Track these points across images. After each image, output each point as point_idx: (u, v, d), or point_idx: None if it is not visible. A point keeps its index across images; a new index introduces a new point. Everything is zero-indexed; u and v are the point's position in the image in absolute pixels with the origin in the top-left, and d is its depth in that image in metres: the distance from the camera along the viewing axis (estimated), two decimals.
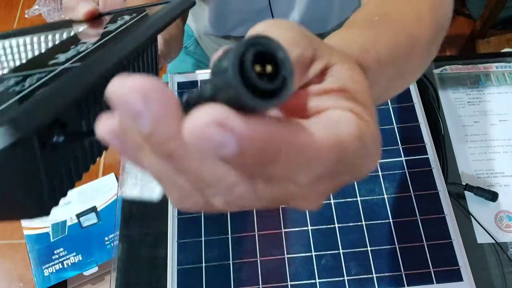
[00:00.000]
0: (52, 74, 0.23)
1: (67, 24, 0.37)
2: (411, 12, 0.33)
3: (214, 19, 0.72)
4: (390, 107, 0.59)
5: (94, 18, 0.36)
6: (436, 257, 0.50)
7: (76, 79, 0.22)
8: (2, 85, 0.23)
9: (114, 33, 0.30)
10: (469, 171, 0.57)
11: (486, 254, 0.52)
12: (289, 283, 0.50)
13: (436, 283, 0.49)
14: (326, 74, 0.20)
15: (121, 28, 0.31)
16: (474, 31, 1.35)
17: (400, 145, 0.56)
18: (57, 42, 0.32)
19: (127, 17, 0.34)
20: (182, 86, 0.62)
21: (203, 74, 0.63)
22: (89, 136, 0.22)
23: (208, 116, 0.14)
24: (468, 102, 0.62)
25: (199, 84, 0.63)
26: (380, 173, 0.55)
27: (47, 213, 0.19)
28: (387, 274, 0.50)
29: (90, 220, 1.08)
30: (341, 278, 0.50)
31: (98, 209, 1.10)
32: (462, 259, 0.49)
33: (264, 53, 0.14)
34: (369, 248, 0.51)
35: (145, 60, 0.34)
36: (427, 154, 0.56)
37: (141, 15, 0.34)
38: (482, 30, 1.32)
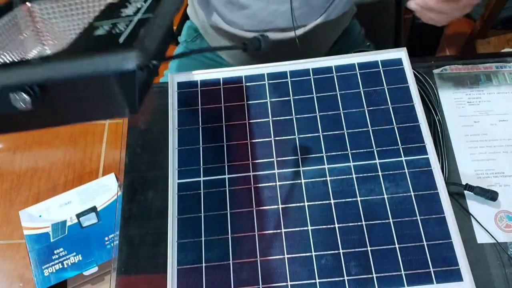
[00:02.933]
0: (134, 22, 0.34)
1: None
2: None
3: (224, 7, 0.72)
4: (390, 107, 0.59)
5: None
6: (436, 257, 0.50)
7: (158, 24, 0.34)
8: (101, 29, 0.34)
9: None
10: (469, 171, 0.57)
11: (486, 254, 0.52)
12: (289, 283, 0.50)
13: (436, 283, 0.49)
14: None
15: None
16: (474, 31, 1.35)
17: (400, 145, 0.56)
18: None
19: None
20: (181, 86, 0.62)
21: (202, 75, 0.63)
22: (163, 61, 0.39)
23: None
24: (468, 102, 0.62)
25: (198, 84, 0.62)
26: (380, 173, 0.55)
27: (136, 112, 0.31)
28: (387, 274, 0.50)
29: (90, 220, 1.08)
30: (341, 278, 0.50)
31: (98, 209, 1.09)
32: (462, 259, 0.49)
33: None
34: (369, 248, 0.51)
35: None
36: (427, 154, 0.56)
37: None
38: (482, 30, 1.32)
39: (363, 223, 0.52)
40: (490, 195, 0.54)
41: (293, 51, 0.73)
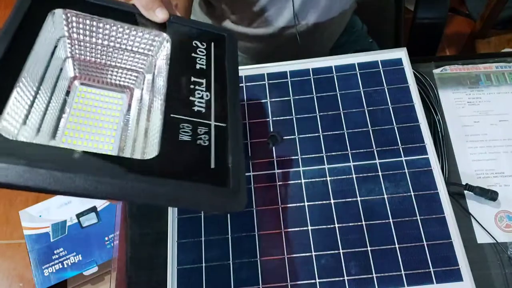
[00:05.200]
0: (213, 132, 0.37)
1: (134, 18, 0.44)
2: None
3: None
4: (390, 107, 0.59)
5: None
6: (436, 257, 0.50)
7: (236, 144, 0.37)
8: (184, 134, 0.36)
9: (214, 74, 0.42)
10: (469, 171, 0.57)
11: (486, 254, 0.52)
12: (289, 283, 0.50)
13: (436, 283, 0.49)
14: None
15: (213, 67, 0.43)
16: (474, 31, 1.35)
17: (400, 145, 0.56)
18: (164, 67, 0.43)
19: (201, 46, 0.44)
20: None
21: None
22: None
23: None
24: (468, 102, 0.62)
25: None
26: (380, 173, 0.55)
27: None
28: (387, 274, 0.50)
29: (90, 220, 1.08)
30: (341, 278, 0.50)
31: (98, 209, 1.09)
32: (462, 259, 0.49)
33: None
34: (369, 248, 0.51)
35: None
36: (427, 154, 0.56)
37: (214, 47, 0.45)
38: (482, 30, 1.32)
39: (363, 223, 0.52)
40: (490, 195, 0.54)
41: (297, 48, 0.73)
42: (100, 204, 1.11)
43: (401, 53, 0.62)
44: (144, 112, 0.45)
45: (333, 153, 0.57)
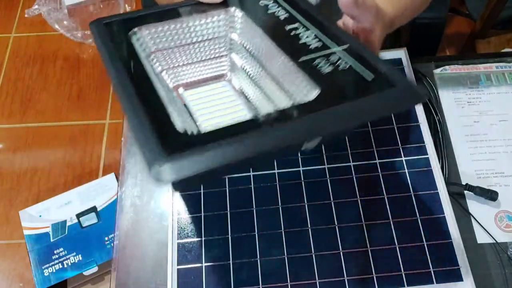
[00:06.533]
0: (344, 55, 0.38)
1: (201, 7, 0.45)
2: None
3: None
4: None
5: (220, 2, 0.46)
6: (436, 257, 0.50)
7: (371, 53, 0.37)
8: (325, 67, 0.37)
9: (300, 15, 0.43)
10: (469, 171, 0.57)
11: (486, 254, 0.52)
12: (289, 283, 0.50)
13: (436, 283, 0.49)
14: None
15: (293, 11, 0.44)
16: (474, 31, 1.35)
17: (400, 145, 0.56)
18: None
19: (269, 2, 0.45)
20: None
21: None
22: None
23: None
24: (468, 102, 0.62)
25: None
26: (380, 173, 0.55)
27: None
28: (387, 274, 0.50)
29: (90, 220, 1.08)
30: (341, 278, 0.50)
31: (98, 209, 1.09)
32: (462, 259, 0.49)
33: None
34: (369, 248, 0.51)
35: None
36: (427, 154, 0.56)
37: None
38: (482, 30, 1.32)
39: (363, 223, 0.52)
40: (490, 195, 0.54)
41: None
42: (100, 204, 1.11)
43: (401, 53, 0.62)
44: (262, 79, 0.44)
45: (333, 153, 0.57)
